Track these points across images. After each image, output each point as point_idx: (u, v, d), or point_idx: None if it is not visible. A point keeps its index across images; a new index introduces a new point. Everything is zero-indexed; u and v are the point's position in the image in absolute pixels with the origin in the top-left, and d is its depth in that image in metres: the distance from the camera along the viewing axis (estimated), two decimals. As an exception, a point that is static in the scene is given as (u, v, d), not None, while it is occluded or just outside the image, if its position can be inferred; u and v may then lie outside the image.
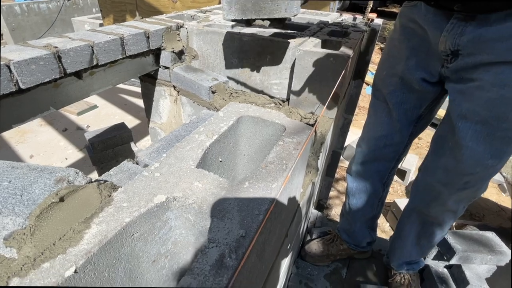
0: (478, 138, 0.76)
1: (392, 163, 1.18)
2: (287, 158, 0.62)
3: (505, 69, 0.65)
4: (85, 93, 1.24)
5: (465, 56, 0.72)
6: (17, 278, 0.38)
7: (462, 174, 0.86)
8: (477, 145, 0.77)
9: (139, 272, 0.54)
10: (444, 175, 0.91)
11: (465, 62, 0.72)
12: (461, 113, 0.78)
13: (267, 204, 0.51)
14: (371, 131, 1.15)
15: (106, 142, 1.70)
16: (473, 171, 0.83)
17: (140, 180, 0.54)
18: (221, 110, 0.76)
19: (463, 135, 0.79)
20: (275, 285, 0.99)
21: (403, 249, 1.25)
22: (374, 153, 1.15)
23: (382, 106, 1.06)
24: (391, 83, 0.99)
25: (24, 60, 0.97)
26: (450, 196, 0.93)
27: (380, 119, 1.08)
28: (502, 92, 0.67)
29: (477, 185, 0.87)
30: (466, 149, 0.79)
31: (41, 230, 0.44)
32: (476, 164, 0.81)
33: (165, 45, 1.43)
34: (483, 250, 1.34)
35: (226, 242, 0.44)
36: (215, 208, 0.49)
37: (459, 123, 0.79)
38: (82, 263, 0.40)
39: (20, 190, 0.51)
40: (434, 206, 1.01)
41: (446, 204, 0.96)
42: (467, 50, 0.70)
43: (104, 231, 0.44)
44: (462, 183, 0.88)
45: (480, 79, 0.70)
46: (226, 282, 0.39)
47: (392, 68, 0.97)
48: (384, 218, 2.64)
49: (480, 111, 0.73)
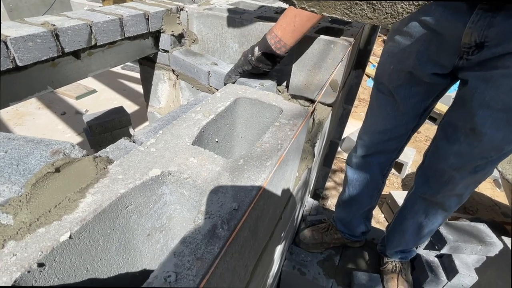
0: (498, 125, 0.77)
1: (393, 155, 1.18)
2: (283, 138, 0.62)
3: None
4: (83, 74, 1.23)
5: (492, 47, 0.71)
6: (13, 241, 0.39)
7: (475, 159, 0.86)
8: (496, 131, 0.78)
9: (133, 244, 0.55)
10: (457, 160, 0.91)
11: (492, 53, 0.71)
12: (484, 101, 0.77)
13: (260, 181, 0.52)
14: (374, 124, 1.13)
15: (104, 125, 1.70)
16: (487, 155, 0.84)
17: (136, 154, 0.55)
18: (219, 91, 0.76)
19: (482, 123, 0.79)
20: (269, 267, 1.01)
21: (402, 237, 1.26)
22: (377, 146, 1.15)
23: (386, 99, 1.04)
24: (399, 78, 0.97)
25: (21, 36, 0.96)
26: (461, 180, 0.94)
27: (385, 113, 1.06)
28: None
29: (487, 168, 0.89)
30: (485, 135, 0.80)
31: (36, 198, 0.45)
32: (492, 149, 0.82)
33: (164, 28, 1.41)
34: (474, 241, 1.36)
35: (219, 214, 0.44)
36: (209, 182, 0.50)
37: (480, 111, 0.78)
38: (77, 230, 0.41)
39: (16, 160, 0.51)
40: (443, 192, 1.01)
41: (455, 188, 0.98)
42: (495, 40, 0.69)
43: (99, 200, 0.45)
44: (473, 166, 0.89)
45: (508, 67, 0.70)
46: (217, 250, 0.40)
47: (401, 63, 0.94)
48: (379, 209, 2.67)
49: (505, 98, 0.73)
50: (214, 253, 0.39)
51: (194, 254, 0.39)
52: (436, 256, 1.45)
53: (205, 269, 0.37)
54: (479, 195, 2.97)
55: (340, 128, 1.99)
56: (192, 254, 0.39)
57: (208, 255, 0.39)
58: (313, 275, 1.41)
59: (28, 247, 0.38)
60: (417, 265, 1.43)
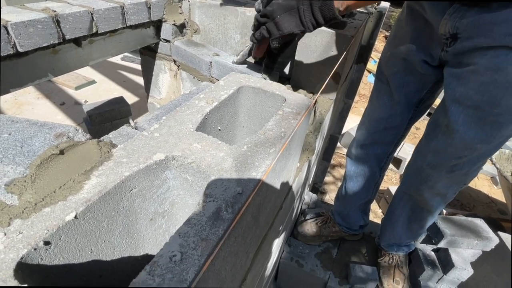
0: (470, 123, 0.78)
1: (390, 148, 1.20)
2: (286, 126, 0.62)
3: (501, 54, 0.66)
4: (84, 62, 1.22)
5: (463, 40, 0.72)
6: (19, 220, 0.39)
7: (450, 157, 0.87)
8: (468, 129, 0.79)
9: (136, 228, 0.55)
10: (434, 158, 0.93)
11: (463, 46, 0.73)
12: (454, 97, 0.79)
13: (264, 167, 0.52)
14: (372, 113, 1.16)
15: (104, 115, 1.69)
16: (461, 155, 0.84)
17: (140, 139, 0.55)
18: (222, 79, 0.75)
19: (455, 119, 0.80)
20: (268, 257, 1.02)
21: (393, 231, 1.29)
22: (374, 136, 1.16)
23: (384, 88, 1.07)
24: (394, 64, 1.00)
25: (22, 22, 0.95)
26: (438, 179, 0.95)
27: (382, 101, 1.09)
28: (495, 76, 0.68)
29: (465, 168, 0.89)
30: (457, 133, 0.81)
31: (41, 179, 0.45)
32: (465, 147, 0.82)
33: (166, 17, 1.40)
34: (471, 235, 1.38)
35: (223, 198, 0.45)
36: (213, 167, 0.50)
37: (452, 106, 0.80)
38: (82, 210, 0.41)
39: (20, 142, 0.51)
40: (424, 189, 1.03)
41: (435, 187, 0.99)
42: (466, 33, 0.71)
43: (104, 182, 0.45)
44: (450, 165, 0.90)
45: (476, 63, 0.71)
46: (222, 232, 0.40)
47: (396, 49, 0.97)
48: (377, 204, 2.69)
49: (473, 95, 0.74)
50: (219, 234, 0.40)
51: (199, 235, 0.39)
52: (433, 250, 1.47)
53: (210, 250, 0.38)
54: (476, 192, 3.00)
55: (340, 122, 1.99)
56: (197, 235, 0.39)
57: (213, 236, 0.39)
58: (310, 267, 1.42)
59: (34, 225, 0.38)
60: (414, 259, 1.45)
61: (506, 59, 0.65)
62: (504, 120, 0.73)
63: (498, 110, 0.71)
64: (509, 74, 0.66)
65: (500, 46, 0.65)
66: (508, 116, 0.72)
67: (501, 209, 2.83)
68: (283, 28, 0.75)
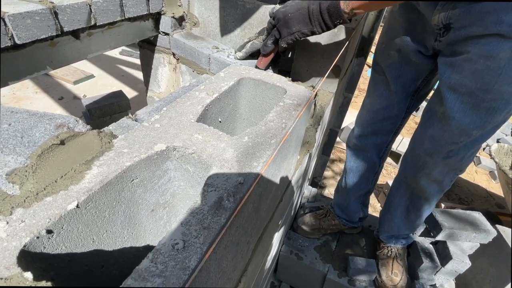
0: (465, 109, 0.80)
1: (389, 137, 1.21)
2: (287, 118, 0.62)
3: (492, 41, 0.67)
4: (82, 54, 1.21)
5: (456, 30, 0.74)
6: (21, 209, 0.39)
7: (447, 143, 0.89)
8: (464, 115, 0.81)
9: (138, 219, 0.55)
10: (431, 145, 0.95)
11: (457, 35, 0.74)
12: (450, 85, 0.80)
13: (265, 157, 0.52)
14: (370, 104, 1.17)
15: (103, 109, 1.69)
16: (457, 140, 0.87)
17: (141, 129, 0.54)
18: (222, 71, 0.75)
19: (451, 106, 0.82)
20: (268, 249, 1.03)
21: (392, 222, 1.30)
22: (373, 126, 1.18)
23: (381, 79, 1.08)
24: (390, 56, 1.01)
25: (19, 13, 0.94)
26: (435, 166, 0.97)
27: (379, 92, 1.10)
28: (488, 63, 0.70)
29: (460, 153, 0.91)
30: (454, 119, 0.83)
31: (42, 169, 0.45)
32: (461, 133, 0.85)
33: (165, 10, 1.39)
34: (469, 228, 1.39)
35: (225, 187, 0.45)
36: (214, 158, 0.50)
37: (448, 94, 0.82)
38: (84, 199, 0.41)
39: (20, 133, 0.51)
40: (421, 177, 1.04)
41: (431, 174, 1.00)
42: (458, 23, 0.72)
43: (105, 172, 0.45)
44: (446, 151, 0.92)
45: (469, 52, 0.73)
46: (223, 221, 0.40)
47: (391, 41, 0.99)
48: (376, 198, 2.70)
49: (467, 83, 0.76)
50: (221, 223, 0.40)
51: (201, 224, 0.39)
52: (432, 243, 1.48)
53: (212, 238, 0.38)
54: (475, 186, 3.01)
55: (340, 116, 1.99)
56: (199, 223, 0.39)
57: (215, 225, 0.39)
58: (310, 260, 1.43)
59: (36, 214, 0.38)
60: (412, 251, 1.47)
61: (497, 46, 0.67)
62: (497, 105, 0.75)
63: (492, 96, 0.74)
64: (501, 61, 0.68)
65: (491, 34, 0.67)
66: (501, 102, 0.74)
67: (499, 203, 2.85)
68: (292, 26, 0.77)
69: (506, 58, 0.67)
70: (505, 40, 0.65)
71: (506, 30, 0.64)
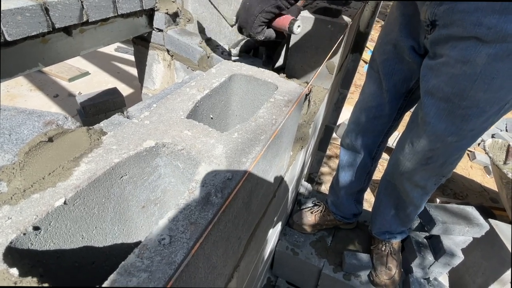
0: (441, 115, 0.79)
1: (380, 137, 1.20)
2: (277, 114, 0.62)
3: (470, 45, 0.66)
4: (75, 51, 1.20)
5: (440, 28, 0.73)
6: (7, 206, 0.39)
7: (423, 150, 0.89)
8: (439, 121, 0.80)
9: (128, 215, 0.56)
10: (409, 150, 0.94)
11: (440, 34, 0.73)
12: (428, 89, 0.80)
13: (254, 153, 0.52)
14: (362, 101, 1.17)
15: (98, 106, 1.68)
16: (433, 147, 0.86)
17: (130, 126, 0.54)
18: (214, 67, 0.75)
19: (427, 111, 0.81)
20: (262, 245, 1.03)
21: (383, 219, 1.30)
22: (364, 125, 1.17)
23: (375, 76, 1.08)
24: (385, 51, 1.01)
25: (9, 10, 0.93)
26: (414, 171, 0.97)
27: (372, 90, 1.10)
28: (464, 68, 0.69)
29: (440, 160, 0.89)
30: (429, 125, 0.82)
31: (30, 166, 0.45)
32: (437, 140, 0.84)
33: (159, 6, 1.38)
34: (462, 223, 1.40)
35: (213, 183, 0.45)
36: (203, 154, 0.50)
37: (425, 99, 0.81)
38: (72, 196, 0.41)
39: (8, 130, 0.51)
40: (403, 180, 1.04)
41: (412, 179, 1.00)
42: (442, 21, 0.72)
43: (93, 169, 0.45)
44: (424, 158, 0.91)
45: (447, 55, 0.72)
46: (211, 216, 0.40)
47: (388, 35, 0.99)
48: (372, 194, 2.72)
49: (444, 87, 0.75)
50: (208, 218, 0.40)
51: (188, 219, 0.40)
52: (426, 238, 1.50)
53: (199, 233, 0.38)
54: (469, 181, 3.04)
55: (336, 113, 1.99)
56: (186, 219, 0.40)
57: (202, 220, 0.40)
58: (305, 255, 1.45)
59: (23, 211, 0.38)
60: (407, 246, 1.48)
61: (474, 51, 0.66)
62: (472, 113, 0.73)
63: (467, 102, 0.72)
64: (477, 66, 0.66)
65: (469, 37, 0.65)
66: (476, 110, 0.72)
67: (494, 197, 2.88)
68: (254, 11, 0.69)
69: (482, 64, 0.65)
70: (482, 45, 0.64)
71: (484, 33, 0.62)
